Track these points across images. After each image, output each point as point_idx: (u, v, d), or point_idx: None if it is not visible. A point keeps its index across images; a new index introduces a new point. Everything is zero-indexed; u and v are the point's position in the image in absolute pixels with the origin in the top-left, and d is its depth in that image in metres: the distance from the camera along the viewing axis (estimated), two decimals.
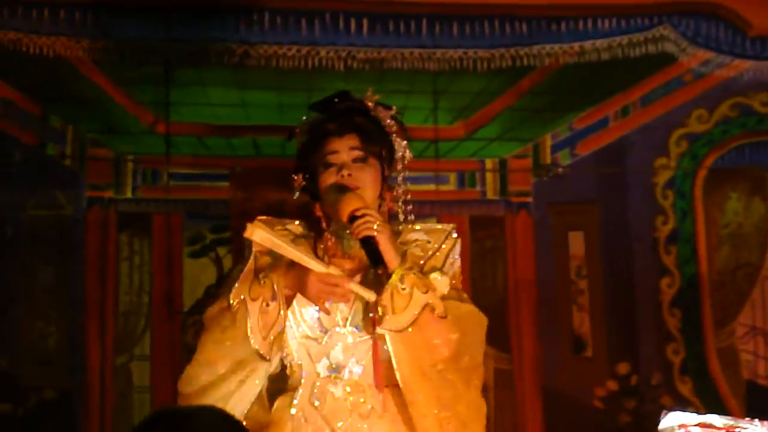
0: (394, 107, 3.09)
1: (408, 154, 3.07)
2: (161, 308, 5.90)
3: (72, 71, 5.72)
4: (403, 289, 2.73)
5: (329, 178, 2.92)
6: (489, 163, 6.14)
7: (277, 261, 2.90)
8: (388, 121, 3.05)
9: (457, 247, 3.03)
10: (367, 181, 2.92)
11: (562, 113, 6.11)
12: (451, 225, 3.09)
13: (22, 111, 5.79)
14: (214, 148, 6.02)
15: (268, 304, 2.80)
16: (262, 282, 2.82)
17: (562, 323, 5.98)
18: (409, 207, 3.04)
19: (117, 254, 5.92)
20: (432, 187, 6.01)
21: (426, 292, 2.75)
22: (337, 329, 2.90)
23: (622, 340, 5.94)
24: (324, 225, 2.98)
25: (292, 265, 2.82)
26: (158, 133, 5.86)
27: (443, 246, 2.99)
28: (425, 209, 5.87)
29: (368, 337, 2.86)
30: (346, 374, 2.88)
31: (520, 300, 5.96)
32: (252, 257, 2.90)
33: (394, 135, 3.06)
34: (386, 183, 3.02)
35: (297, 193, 3.00)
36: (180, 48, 5.67)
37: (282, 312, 2.82)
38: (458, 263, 3.01)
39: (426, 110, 6.00)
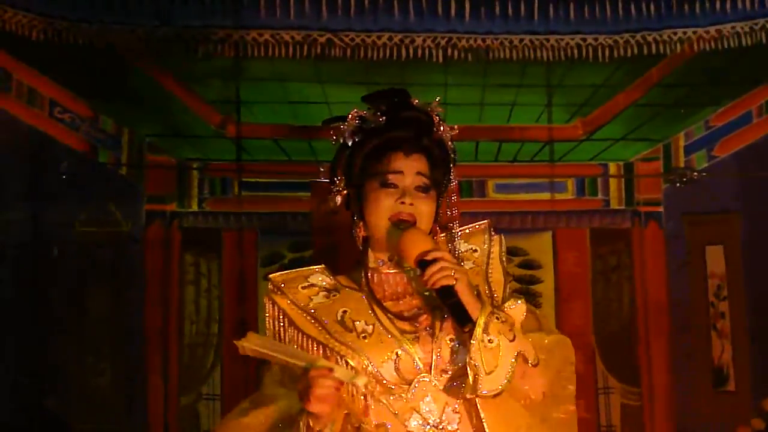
0: (456, 127, 2.91)
1: (455, 184, 2.94)
2: (233, 339, 5.62)
3: (127, 65, 5.65)
4: (490, 341, 2.66)
5: (386, 201, 2.81)
6: (612, 168, 6.08)
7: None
8: (450, 143, 2.91)
9: (504, 246, 2.98)
10: (425, 214, 2.81)
11: (696, 108, 5.95)
12: (485, 222, 2.99)
13: (70, 112, 5.75)
14: (293, 152, 5.93)
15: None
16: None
17: (699, 352, 5.89)
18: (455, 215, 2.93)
19: (181, 277, 5.88)
20: (547, 195, 5.97)
21: (513, 339, 2.68)
22: (422, 377, 2.79)
23: None
24: (365, 259, 2.89)
25: None
26: (228, 136, 5.84)
27: (492, 252, 2.95)
28: (539, 221, 5.93)
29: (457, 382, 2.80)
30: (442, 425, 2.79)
31: (650, 326, 5.90)
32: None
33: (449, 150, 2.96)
34: (437, 215, 2.93)
35: (337, 202, 2.90)
36: (252, 37, 5.57)
37: None
38: (504, 264, 2.97)
39: (539, 107, 5.90)
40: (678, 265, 5.89)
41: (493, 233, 2.98)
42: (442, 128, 2.89)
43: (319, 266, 2.95)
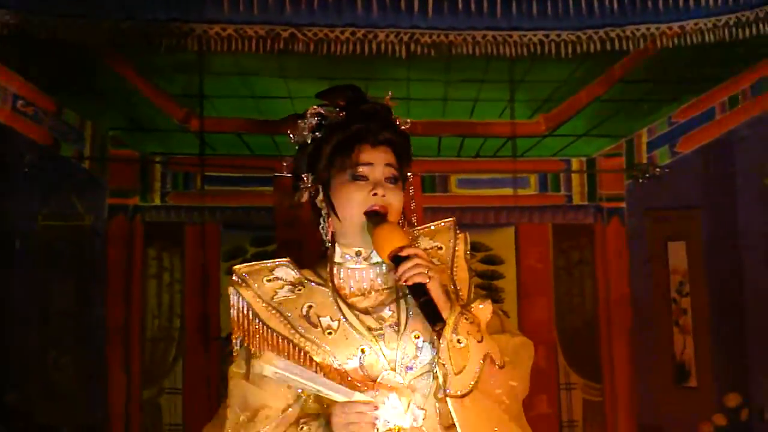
0: (408, 121, 2.98)
1: (412, 177, 3.03)
2: (195, 334, 5.82)
3: (91, 59, 5.61)
4: (459, 341, 2.73)
5: (357, 194, 2.86)
6: (575, 163, 6.10)
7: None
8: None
9: (468, 244, 3.05)
10: (395, 206, 2.88)
11: (659, 105, 5.97)
12: (450, 219, 3.06)
13: (33, 106, 5.72)
14: (256, 146, 5.93)
15: None
16: (299, 429, 2.80)
17: (661, 348, 5.91)
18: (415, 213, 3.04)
19: (144, 271, 5.87)
20: (509, 191, 5.99)
21: (481, 341, 2.76)
22: (387, 374, 2.86)
23: (732, 367, 5.77)
24: (330, 253, 2.95)
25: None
26: (191, 130, 5.84)
27: (457, 250, 3.01)
28: (501, 217, 5.93)
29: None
30: (408, 422, 2.83)
31: (612, 321, 5.93)
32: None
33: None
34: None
35: (304, 198, 2.95)
36: (215, 31, 5.55)
37: None
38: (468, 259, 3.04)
39: (501, 102, 5.90)
40: (640, 261, 5.91)
41: (458, 231, 3.03)
42: (397, 121, 2.94)
43: (285, 259, 2.97)
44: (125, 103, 5.78)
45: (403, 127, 2.96)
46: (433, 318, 2.71)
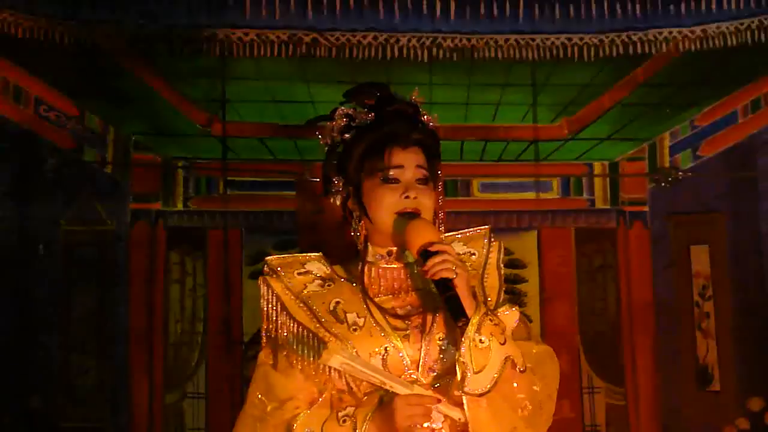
0: (435, 116, 2.90)
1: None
2: (218, 338, 5.88)
3: (113, 64, 5.64)
4: (482, 341, 2.67)
5: (389, 197, 2.80)
6: (597, 167, 6.17)
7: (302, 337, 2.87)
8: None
9: (502, 253, 2.99)
10: (428, 206, 2.82)
11: (682, 108, 6.06)
12: (486, 227, 3.01)
13: (56, 110, 5.83)
14: (278, 151, 6.00)
15: None
16: (341, 420, 2.77)
17: (684, 352, 5.95)
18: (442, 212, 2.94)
19: (166, 276, 5.94)
20: (532, 195, 6.04)
21: (504, 343, 2.71)
22: (410, 374, 2.82)
23: (755, 371, 5.81)
24: (363, 254, 2.90)
25: (381, 404, 2.76)
26: (213, 134, 5.88)
27: (490, 257, 2.96)
28: (524, 221, 5.99)
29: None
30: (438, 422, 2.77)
31: (635, 326, 5.98)
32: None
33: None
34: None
35: (337, 203, 2.88)
36: (238, 36, 5.56)
37: None
38: (502, 273, 2.98)
39: (524, 106, 5.96)
40: (663, 265, 5.95)
41: (493, 239, 3.01)
42: (425, 118, 2.91)
43: (317, 254, 2.95)
44: (148, 108, 5.85)
45: (431, 125, 2.91)
46: (457, 313, 2.68)
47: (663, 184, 5.92)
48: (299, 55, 5.57)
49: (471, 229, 2.98)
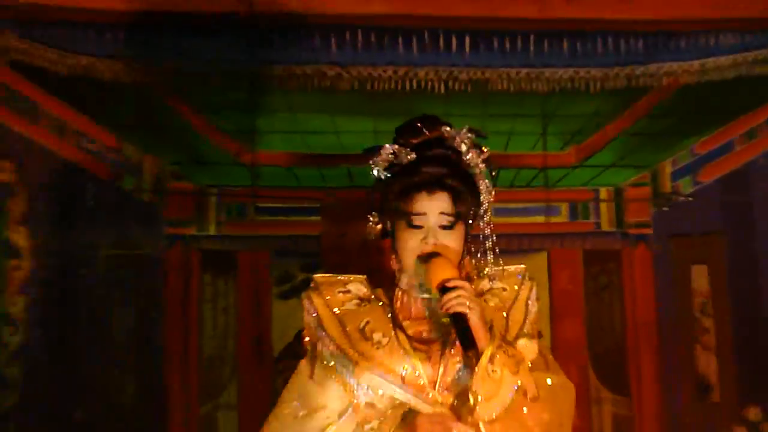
0: (486, 150, 2.98)
1: (491, 196, 3.02)
2: (249, 354, 6.03)
3: (149, 98, 5.66)
4: (494, 371, 2.76)
5: (411, 241, 2.90)
6: (603, 193, 6.27)
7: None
8: (480, 166, 2.98)
9: (534, 291, 3.04)
10: (450, 247, 2.89)
11: (682, 137, 6.14)
12: (522, 266, 3.07)
13: (95, 142, 5.91)
14: (304, 178, 6.11)
15: None
16: None
17: (685, 365, 6.03)
18: (492, 243, 2.98)
19: (200, 296, 6.06)
20: (542, 218, 6.12)
21: (517, 373, 2.78)
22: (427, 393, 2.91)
23: (752, 382, 5.89)
24: (397, 281, 2.99)
25: (403, 420, 2.85)
26: (243, 163, 5.96)
27: (519, 295, 3.02)
28: (534, 242, 6.07)
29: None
30: None
31: (639, 341, 6.05)
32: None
33: (479, 176, 3.00)
34: (467, 240, 2.99)
35: (374, 233, 2.99)
36: (267, 71, 5.53)
37: None
38: (536, 307, 3.02)
39: (534, 135, 6.05)
40: (665, 284, 6.02)
41: (527, 278, 3.06)
42: (469, 156, 2.96)
43: (362, 276, 3.04)
44: (182, 139, 5.93)
45: (479, 160, 2.96)
46: (466, 345, 2.76)
47: (665, 208, 6.03)
48: (324, 88, 5.48)
49: (508, 267, 3.03)
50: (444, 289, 2.77)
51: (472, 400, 2.73)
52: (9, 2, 5.33)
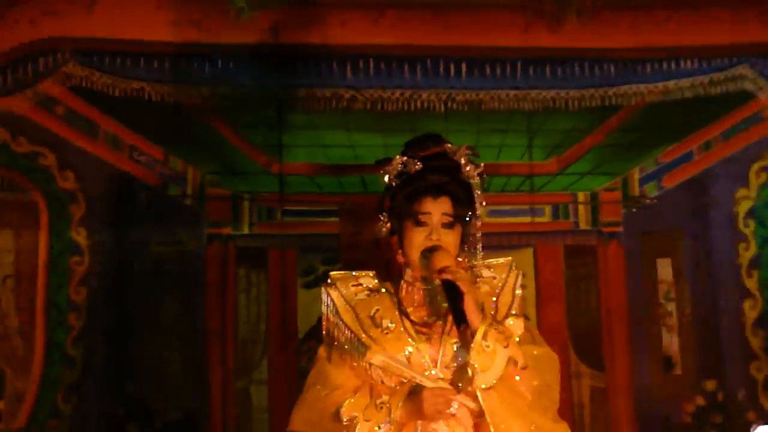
0: (482, 165, 3.17)
1: (483, 204, 3.22)
2: (277, 336, 6.10)
3: (191, 116, 5.92)
4: (487, 346, 2.89)
5: (417, 237, 3.07)
6: (581, 196, 6.44)
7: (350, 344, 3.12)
8: (476, 178, 3.18)
9: (519, 279, 3.21)
10: (450, 243, 3.07)
11: (648, 148, 6.30)
12: (510, 258, 3.24)
13: (146, 155, 6.13)
14: (324, 186, 6.36)
15: (379, 428, 2.98)
16: (378, 407, 3.00)
17: (652, 343, 6.22)
18: (479, 243, 3.18)
19: (235, 286, 6.20)
20: (528, 219, 6.30)
21: (507, 346, 2.93)
22: (428, 373, 3.08)
23: (709, 358, 6.10)
24: (403, 273, 3.19)
25: (410, 394, 3.01)
26: (272, 173, 6.21)
27: (507, 282, 3.18)
28: (522, 240, 6.20)
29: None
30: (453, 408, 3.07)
31: (612, 323, 6.22)
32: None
33: (474, 186, 3.19)
34: (463, 240, 3.18)
35: (384, 232, 3.18)
36: (292, 94, 5.86)
37: None
38: (521, 292, 3.21)
39: (521, 147, 6.21)
40: (634, 274, 6.23)
41: (514, 268, 3.21)
42: (468, 169, 3.13)
43: (371, 272, 3.21)
44: (219, 152, 6.15)
45: (475, 173, 3.12)
46: (458, 319, 2.89)
47: (634, 210, 6.25)
48: (341, 108, 5.83)
49: (496, 259, 3.22)
50: (443, 272, 2.96)
51: (470, 372, 2.88)
52: (72, 35, 5.67)
